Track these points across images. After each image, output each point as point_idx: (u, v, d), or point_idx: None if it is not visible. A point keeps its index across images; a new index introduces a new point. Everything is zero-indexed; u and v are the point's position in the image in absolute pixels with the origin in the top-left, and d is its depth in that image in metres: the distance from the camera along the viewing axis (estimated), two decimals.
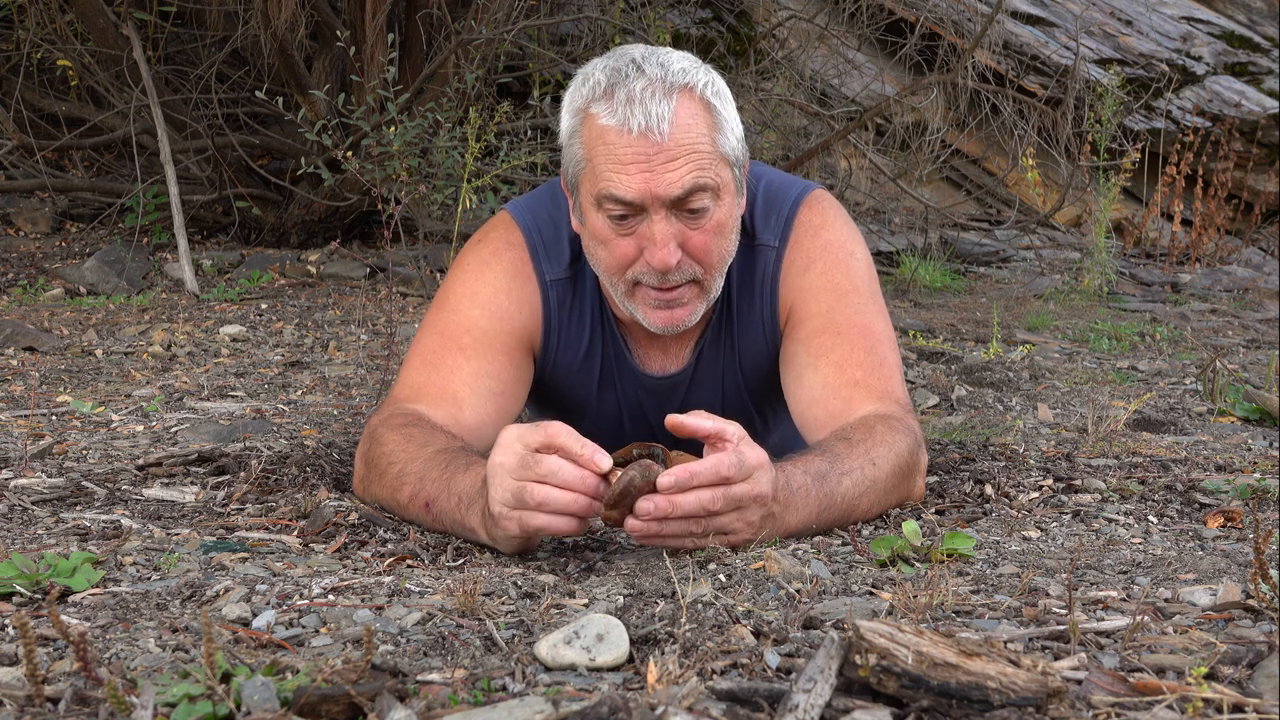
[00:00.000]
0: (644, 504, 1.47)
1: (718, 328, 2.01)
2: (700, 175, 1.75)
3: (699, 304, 1.87)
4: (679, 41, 6.57)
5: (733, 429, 1.51)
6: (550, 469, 1.47)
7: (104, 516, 1.76)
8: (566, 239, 1.99)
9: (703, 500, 1.47)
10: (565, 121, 1.83)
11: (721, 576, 1.44)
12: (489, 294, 1.96)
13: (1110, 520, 1.80)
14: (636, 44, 1.87)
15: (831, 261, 1.95)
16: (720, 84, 1.82)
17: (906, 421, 1.81)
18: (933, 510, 1.84)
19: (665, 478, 1.46)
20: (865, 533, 1.69)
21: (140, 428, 2.58)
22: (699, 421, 1.51)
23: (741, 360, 2.02)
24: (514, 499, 1.49)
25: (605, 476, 1.50)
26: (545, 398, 2.11)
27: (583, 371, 2.03)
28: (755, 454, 1.51)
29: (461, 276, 1.99)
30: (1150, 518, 1.82)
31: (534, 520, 1.49)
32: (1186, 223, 7.60)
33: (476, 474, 1.59)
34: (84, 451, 2.29)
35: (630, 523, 1.48)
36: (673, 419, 1.52)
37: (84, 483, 1.96)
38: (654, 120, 1.72)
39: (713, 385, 2.05)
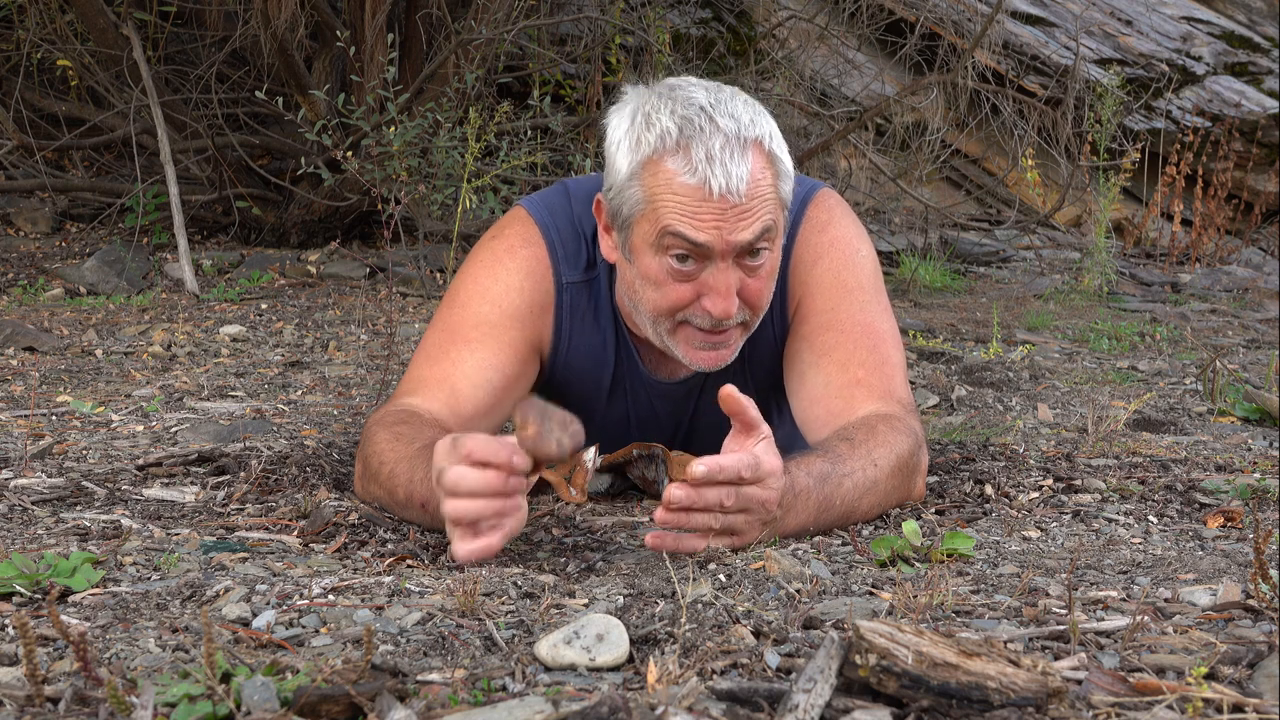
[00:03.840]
0: (675, 492, 1.48)
1: None
2: (767, 219, 1.75)
3: (741, 341, 1.88)
4: (679, 41, 6.57)
5: (765, 429, 1.55)
6: (452, 482, 1.45)
7: (104, 516, 1.76)
8: (583, 242, 1.97)
9: (721, 495, 1.50)
10: (622, 162, 1.78)
11: (721, 576, 1.44)
12: (500, 290, 1.94)
13: (1110, 520, 1.80)
14: (690, 80, 1.81)
15: (838, 258, 1.95)
16: (777, 130, 1.81)
17: (908, 421, 1.81)
18: (933, 510, 1.84)
19: (698, 466, 1.48)
20: (865, 533, 1.69)
21: (140, 428, 2.58)
22: (746, 404, 1.53)
23: (750, 360, 2.02)
24: (448, 520, 1.49)
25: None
26: (551, 400, 2.10)
27: (593, 376, 2.02)
28: (772, 461, 1.54)
29: (474, 272, 1.97)
30: (1150, 518, 1.82)
31: (457, 551, 1.47)
32: (1186, 223, 7.60)
33: None
34: (84, 451, 2.29)
35: (659, 514, 1.50)
36: (727, 389, 1.53)
37: (84, 483, 1.96)
38: (734, 182, 1.70)
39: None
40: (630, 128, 1.78)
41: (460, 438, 1.48)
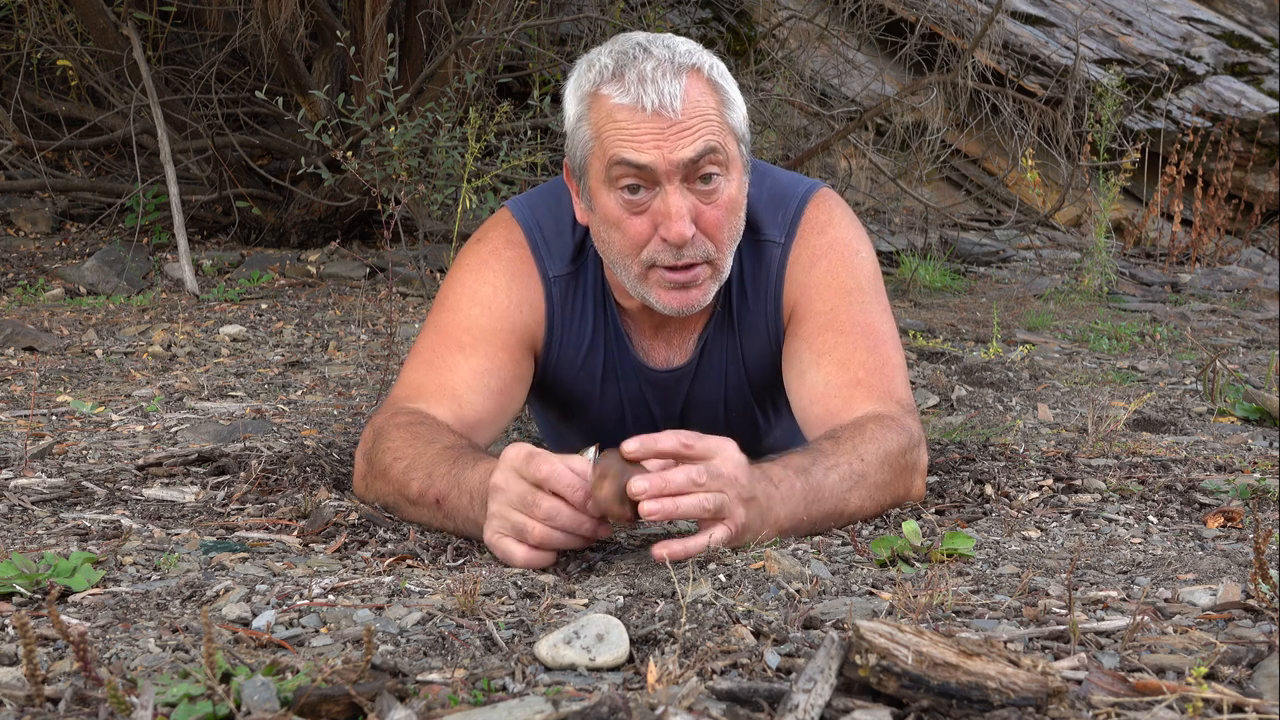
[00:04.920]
0: (637, 484, 1.47)
1: (722, 321, 2.01)
2: (711, 139, 1.76)
3: (711, 285, 1.87)
4: None
5: (688, 436, 1.52)
6: (550, 512, 1.49)
7: (104, 516, 1.76)
8: (568, 234, 1.98)
9: (691, 475, 1.48)
10: (571, 108, 1.83)
11: (721, 576, 1.44)
12: (489, 293, 1.96)
13: (1110, 520, 1.80)
14: (637, 31, 1.87)
15: (837, 259, 1.95)
16: (723, 66, 1.84)
17: (903, 421, 1.81)
18: (933, 510, 1.84)
19: (629, 444, 1.48)
20: (865, 533, 1.69)
21: (140, 428, 2.58)
22: (658, 442, 1.51)
23: (745, 355, 2.03)
24: (513, 530, 1.51)
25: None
26: (548, 394, 2.10)
27: (585, 367, 2.03)
28: (709, 439, 1.53)
29: (461, 276, 1.99)
30: (1150, 518, 1.82)
31: (522, 558, 1.51)
32: (1186, 223, 7.60)
33: (485, 470, 1.60)
34: (84, 451, 2.29)
35: (644, 507, 1.48)
36: (629, 448, 1.51)
37: (84, 483, 1.96)
38: (667, 98, 1.73)
39: (716, 379, 2.05)
40: (576, 76, 1.84)
41: (537, 457, 1.50)
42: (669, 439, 1.50)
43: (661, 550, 1.51)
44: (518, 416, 2.26)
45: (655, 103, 1.73)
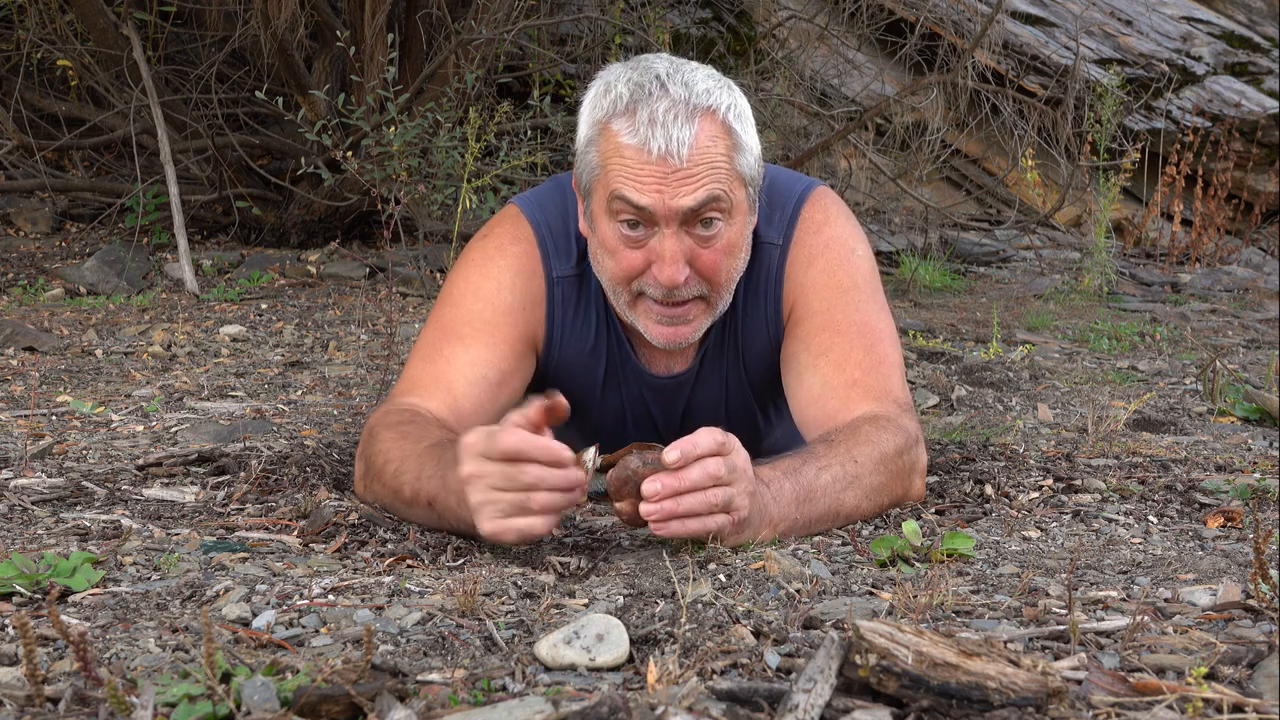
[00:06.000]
0: (649, 485, 1.47)
1: (722, 326, 2.01)
2: (715, 188, 1.75)
3: (704, 320, 1.87)
4: (679, 41, 6.57)
5: (720, 434, 1.53)
6: (537, 477, 1.49)
7: (104, 516, 1.76)
8: (574, 236, 1.98)
9: (709, 469, 1.48)
10: (583, 129, 1.83)
11: (721, 576, 1.44)
12: (492, 288, 1.95)
13: (1110, 520, 1.80)
14: (661, 55, 1.84)
15: (833, 259, 1.95)
16: (742, 105, 1.82)
17: (899, 421, 1.81)
18: (933, 510, 1.84)
19: (671, 452, 1.48)
20: (865, 533, 1.69)
21: (140, 428, 2.58)
22: (697, 447, 1.51)
23: (745, 358, 2.02)
24: (512, 509, 1.50)
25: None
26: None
27: (586, 370, 2.03)
28: (717, 432, 1.54)
29: (465, 271, 1.99)
30: (1150, 518, 1.82)
31: (535, 527, 1.50)
32: (1186, 223, 7.60)
33: None
34: (84, 451, 2.29)
35: (645, 507, 1.48)
36: (670, 458, 1.51)
37: (84, 483, 1.96)
38: (674, 145, 1.72)
39: (717, 384, 2.05)
40: (593, 96, 1.82)
41: (495, 435, 1.49)
42: (707, 442, 1.49)
43: (660, 528, 1.50)
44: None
45: (662, 148, 1.71)
